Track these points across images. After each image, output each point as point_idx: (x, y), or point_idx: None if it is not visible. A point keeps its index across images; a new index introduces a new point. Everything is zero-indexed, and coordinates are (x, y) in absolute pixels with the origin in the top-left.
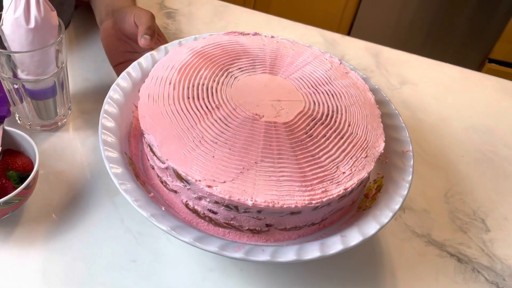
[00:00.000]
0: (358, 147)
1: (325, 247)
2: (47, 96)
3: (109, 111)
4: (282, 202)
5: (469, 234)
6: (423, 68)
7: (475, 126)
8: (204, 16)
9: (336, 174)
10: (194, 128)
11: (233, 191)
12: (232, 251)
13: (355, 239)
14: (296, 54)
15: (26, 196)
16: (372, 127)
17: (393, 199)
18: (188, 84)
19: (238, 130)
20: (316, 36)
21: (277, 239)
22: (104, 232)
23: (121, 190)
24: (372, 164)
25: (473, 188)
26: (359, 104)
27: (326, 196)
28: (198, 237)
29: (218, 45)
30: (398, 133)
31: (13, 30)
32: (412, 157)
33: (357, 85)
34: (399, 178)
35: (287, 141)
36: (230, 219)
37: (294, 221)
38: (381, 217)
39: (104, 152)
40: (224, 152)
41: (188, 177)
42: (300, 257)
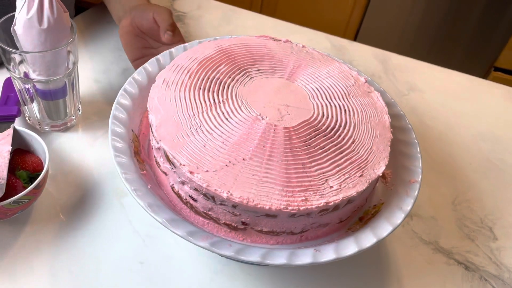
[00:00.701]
0: (355, 165)
1: (294, 256)
2: (57, 96)
3: (128, 90)
4: (257, 201)
5: (476, 242)
6: (431, 75)
7: (483, 134)
8: (212, 19)
9: (323, 187)
10: (195, 117)
11: (212, 181)
12: (199, 239)
13: (328, 256)
14: (321, 66)
15: (35, 196)
16: (378, 149)
17: (382, 226)
18: (203, 76)
19: (236, 126)
20: (324, 41)
21: (254, 240)
22: (112, 234)
23: (122, 178)
24: (365, 184)
25: (480, 196)
26: (371, 124)
27: (304, 205)
28: (171, 219)
29: (245, 45)
30: (410, 162)
31: (26, 31)
32: (418, 188)
33: (375, 106)
34: (397, 207)
35: (282, 145)
36: (208, 209)
37: (271, 224)
38: (363, 241)
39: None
40: (216, 144)
41: (174, 160)
42: (264, 260)
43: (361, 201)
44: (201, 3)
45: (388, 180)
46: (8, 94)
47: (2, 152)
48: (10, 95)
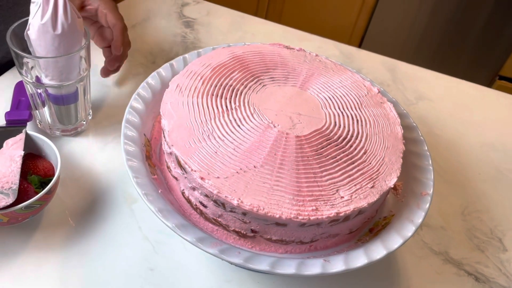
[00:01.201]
0: (366, 176)
1: (303, 266)
2: (69, 101)
3: (141, 94)
4: (267, 210)
5: (486, 253)
6: (439, 84)
7: (492, 144)
8: (221, 26)
9: (334, 197)
10: (207, 123)
11: (223, 187)
12: (208, 245)
13: (337, 267)
14: (334, 75)
15: (47, 201)
16: (390, 160)
17: (392, 238)
18: (217, 83)
19: (248, 134)
20: (333, 49)
21: (263, 248)
22: (122, 240)
23: (133, 182)
24: (376, 196)
25: (490, 207)
26: (383, 135)
27: (315, 214)
28: (181, 224)
29: (259, 53)
30: (422, 174)
31: (40, 36)
32: (430, 201)
33: (388, 116)
34: (408, 219)
35: (293, 154)
36: (218, 215)
37: (280, 233)
38: (372, 253)
39: (124, 129)
40: (227, 150)
41: (185, 165)
42: (273, 269)
43: (371, 212)
44: (210, 10)
45: (399, 192)
46: (20, 98)
47: (14, 157)
48: (22, 99)
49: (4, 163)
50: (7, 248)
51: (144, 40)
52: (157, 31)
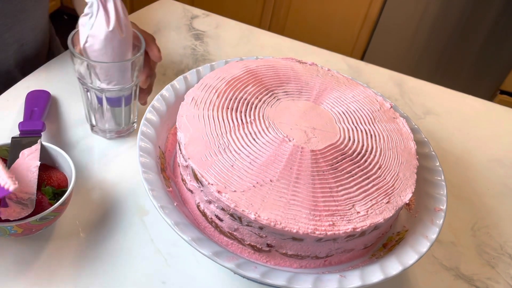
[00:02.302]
0: (382, 191)
1: (319, 281)
2: (126, 103)
3: (156, 106)
4: (284, 224)
5: (497, 269)
6: (446, 99)
7: (500, 159)
8: (230, 38)
9: (350, 212)
10: (223, 136)
11: (240, 201)
12: (225, 259)
13: (354, 282)
14: (347, 89)
15: (60, 212)
16: (404, 175)
17: (407, 253)
18: (231, 96)
19: (264, 147)
20: (340, 62)
21: (278, 263)
22: (134, 252)
23: (149, 195)
24: (392, 211)
25: (499, 222)
26: (397, 151)
27: (332, 230)
28: (198, 238)
29: (272, 67)
30: (435, 190)
31: (107, 44)
32: (443, 217)
33: (401, 132)
34: (422, 235)
35: (309, 168)
36: (233, 229)
37: (296, 248)
38: (388, 268)
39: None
40: (244, 164)
41: (202, 178)
42: (290, 284)
43: (386, 228)
44: (219, 23)
45: (412, 207)
46: (32, 108)
47: (31, 167)
48: (34, 109)
49: (21, 174)
50: (21, 259)
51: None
52: (167, 43)
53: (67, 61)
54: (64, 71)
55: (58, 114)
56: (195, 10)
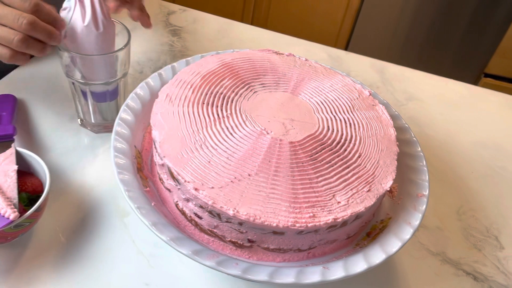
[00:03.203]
0: (362, 180)
1: (302, 274)
2: (112, 97)
3: (130, 105)
4: (264, 218)
5: (483, 251)
6: (429, 84)
7: (483, 142)
8: (209, 33)
9: (330, 202)
10: (199, 132)
11: (218, 198)
12: (205, 257)
13: (337, 274)
14: (325, 79)
15: (36, 219)
16: (385, 163)
17: (391, 241)
18: (207, 91)
19: (241, 141)
20: (321, 53)
21: (260, 258)
22: (116, 255)
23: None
24: (373, 199)
25: (484, 205)
26: (377, 138)
27: (312, 221)
28: (176, 237)
29: (248, 59)
30: (417, 176)
31: (83, 38)
32: (426, 203)
33: (381, 119)
34: (405, 222)
35: (288, 160)
36: (213, 226)
37: (278, 242)
38: (372, 257)
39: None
40: (221, 159)
41: (178, 176)
42: (272, 279)
43: (368, 216)
44: (197, 17)
45: (395, 194)
46: (0, 113)
47: (8, 172)
48: (2, 114)
49: (0, 179)
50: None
51: (131, 50)
52: (144, 41)
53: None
54: (30, 75)
55: (28, 119)
56: (172, 6)
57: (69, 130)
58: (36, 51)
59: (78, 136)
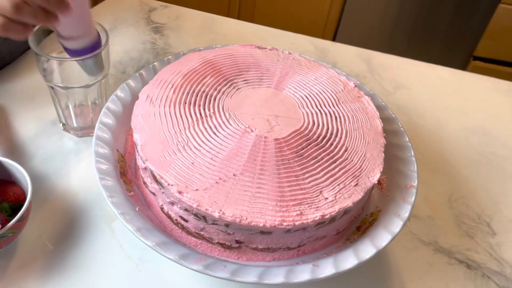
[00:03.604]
0: (349, 174)
1: (292, 273)
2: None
3: (111, 108)
4: (250, 219)
5: (475, 239)
6: (416, 72)
7: (472, 128)
8: (192, 29)
9: (318, 199)
10: (181, 133)
11: (202, 200)
12: (192, 261)
13: (327, 271)
14: (309, 72)
15: (20, 229)
16: (372, 155)
17: (381, 235)
18: (189, 90)
19: (225, 141)
20: (307, 44)
21: (250, 258)
22: (104, 260)
23: (109, 202)
24: (361, 194)
25: (475, 192)
26: (363, 130)
27: (300, 219)
28: (162, 242)
29: (230, 56)
30: (405, 166)
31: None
32: (415, 194)
33: (366, 111)
34: (395, 214)
35: (273, 158)
36: (200, 229)
37: (266, 241)
38: (362, 252)
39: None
40: (205, 160)
41: (162, 180)
42: (261, 280)
43: (357, 211)
44: (179, 13)
45: (384, 186)
46: None
47: None
48: None
49: None
50: None
51: (113, 50)
52: (125, 39)
53: (11, 70)
54: (8, 80)
55: (9, 125)
56: (153, 2)
57: (51, 135)
58: (34, 18)
59: (61, 140)
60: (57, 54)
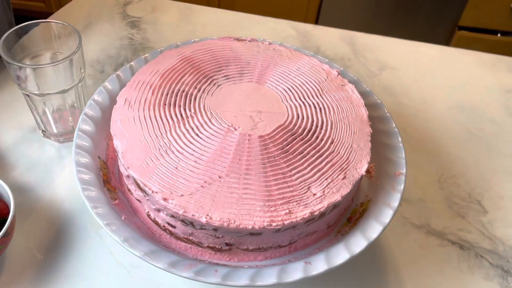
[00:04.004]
0: (336, 167)
1: (284, 273)
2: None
3: (88, 114)
4: (238, 222)
5: (467, 218)
6: (400, 51)
7: (459, 104)
8: (169, 21)
9: (306, 196)
10: (163, 137)
11: (188, 206)
12: (182, 268)
13: (319, 268)
14: (291, 63)
15: (6, 244)
16: (358, 146)
17: (371, 226)
18: (167, 90)
19: (208, 142)
20: (288, 29)
21: (241, 259)
22: (95, 268)
23: (93, 213)
24: (349, 187)
25: (465, 170)
26: (349, 120)
27: (289, 218)
28: (150, 251)
29: (208, 50)
30: (393, 153)
31: None
32: (404, 181)
33: (351, 99)
34: (385, 204)
35: (259, 156)
36: (188, 234)
37: (256, 242)
38: (353, 246)
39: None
40: (188, 164)
41: (145, 187)
42: (253, 282)
43: (347, 203)
44: (155, 5)
45: (373, 175)
46: None
47: None
48: None
49: None
50: None
51: (89, 49)
52: (101, 37)
53: None
54: None
55: None
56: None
57: (32, 143)
58: None
59: (42, 148)
60: (30, 60)
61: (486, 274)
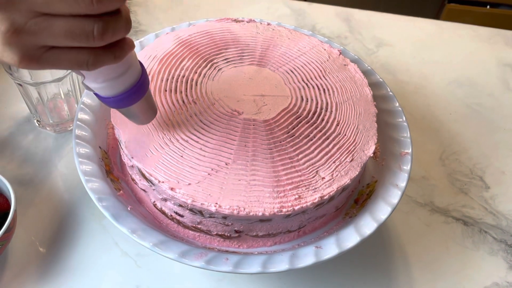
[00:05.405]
0: (344, 150)
1: (295, 258)
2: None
3: (86, 102)
4: (248, 209)
5: (470, 194)
6: (397, 26)
7: (457, 79)
8: (161, 2)
9: (314, 180)
10: (166, 124)
11: (197, 195)
12: (193, 258)
13: (331, 252)
14: (291, 43)
15: (8, 239)
16: (364, 127)
17: (380, 207)
18: (167, 76)
19: (212, 128)
20: (283, 8)
21: (251, 245)
22: (100, 260)
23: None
24: (358, 169)
25: (466, 146)
26: (353, 101)
27: (299, 204)
28: (160, 242)
29: (206, 33)
30: (398, 133)
31: None
32: (410, 161)
33: (354, 79)
34: (392, 184)
35: (265, 141)
36: (197, 223)
37: (266, 228)
38: (363, 228)
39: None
40: (194, 152)
41: (151, 177)
42: (265, 269)
43: (354, 185)
44: None
45: (378, 155)
46: None
47: None
48: None
49: None
50: None
51: None
52: None
53: None
54: None
55: None
56: None
57: (27, 133)
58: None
59: (38, 138)
60: None
61: (490, 249)
